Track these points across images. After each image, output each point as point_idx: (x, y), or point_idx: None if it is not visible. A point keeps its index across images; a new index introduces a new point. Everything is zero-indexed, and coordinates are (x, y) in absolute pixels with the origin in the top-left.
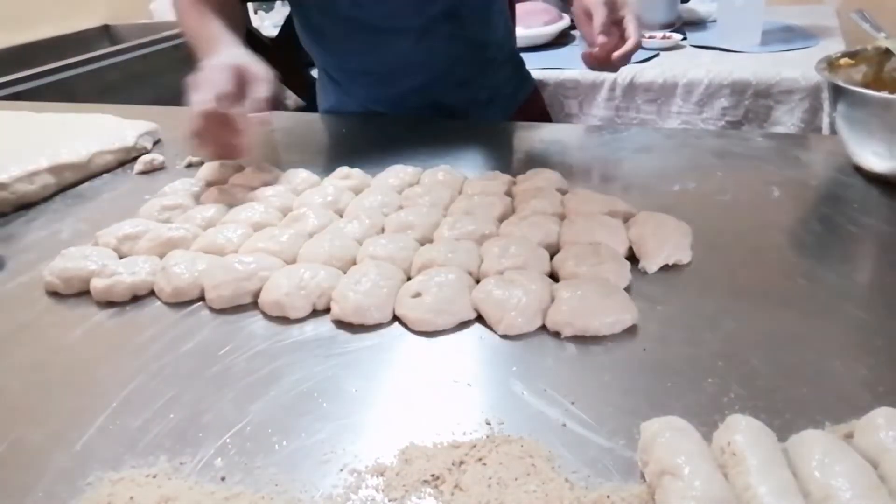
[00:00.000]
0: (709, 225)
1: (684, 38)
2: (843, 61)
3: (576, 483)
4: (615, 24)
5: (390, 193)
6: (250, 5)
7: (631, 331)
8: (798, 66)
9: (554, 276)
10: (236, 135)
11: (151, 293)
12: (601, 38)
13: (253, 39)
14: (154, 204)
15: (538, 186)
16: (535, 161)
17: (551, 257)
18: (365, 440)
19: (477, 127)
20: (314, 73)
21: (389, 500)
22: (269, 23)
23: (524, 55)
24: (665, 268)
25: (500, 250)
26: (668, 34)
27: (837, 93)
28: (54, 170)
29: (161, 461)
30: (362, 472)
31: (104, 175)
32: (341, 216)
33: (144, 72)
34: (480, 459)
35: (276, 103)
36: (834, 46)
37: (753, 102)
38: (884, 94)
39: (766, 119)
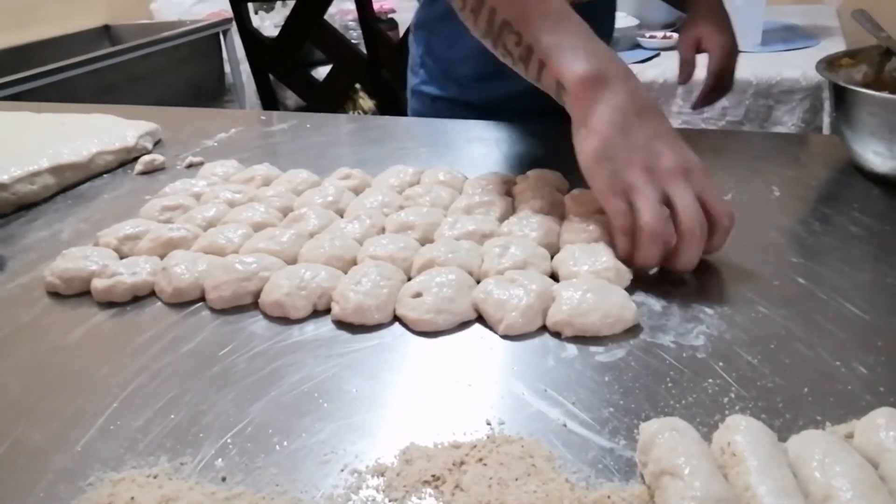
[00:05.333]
0: None
1: None
2: (843, 61)
3: (576, 483)
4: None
5: (390, 193)
6: (250, 5)
7: (631, 331)
8: (798, 66)
9: (554, 276)
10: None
11: (152, 293)
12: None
13: (253, 39)
14: (154, 204)
15: (538, 186)
16: (535, 161)
17: (551, 257)
18: (366, 440)
19: (477, 127)
20: (315, 73)
21: (390, 501)
22: (269, 23)
23: None
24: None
25: (500, 250)
26: (668, 34)
27: (838, 93)
28: (55, 170)
29: (162, 461)
30: (363, 472)
31: (105, 175)
32: (342, 216)
33: (145, 72)
34: (481, 460)
35: None
36: (834, 46)
37: (753, 102)
38: (884, 94)
39: (766, 119)
